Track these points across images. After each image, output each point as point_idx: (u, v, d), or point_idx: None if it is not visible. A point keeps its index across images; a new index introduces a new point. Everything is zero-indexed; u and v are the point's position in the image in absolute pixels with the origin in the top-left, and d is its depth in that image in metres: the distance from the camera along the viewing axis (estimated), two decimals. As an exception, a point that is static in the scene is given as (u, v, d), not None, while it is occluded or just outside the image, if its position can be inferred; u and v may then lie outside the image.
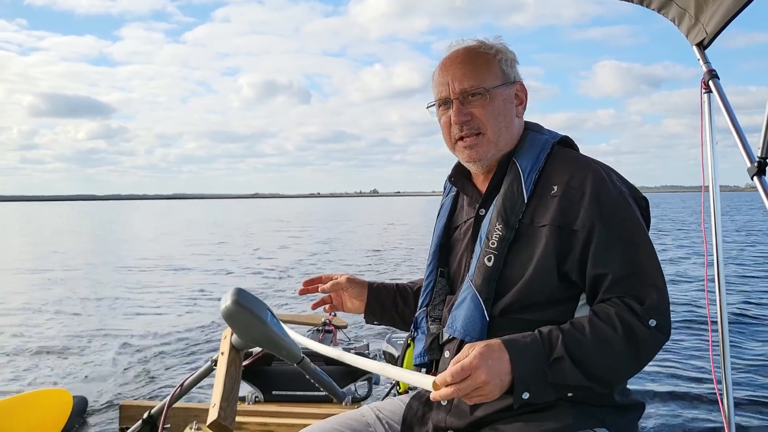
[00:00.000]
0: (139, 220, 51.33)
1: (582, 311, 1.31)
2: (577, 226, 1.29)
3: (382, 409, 1.53)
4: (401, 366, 1.56)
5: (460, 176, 1.56)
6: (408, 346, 1.60)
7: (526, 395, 1.18)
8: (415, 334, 1.54)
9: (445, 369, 1.40)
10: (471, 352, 1.17)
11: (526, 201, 1.35)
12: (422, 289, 1.56)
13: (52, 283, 11.63)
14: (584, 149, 1.50)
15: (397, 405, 1.53)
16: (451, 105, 1.43)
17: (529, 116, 1.53)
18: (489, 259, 1.34)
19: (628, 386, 1.39)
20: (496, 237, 1.35)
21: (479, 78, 1.41)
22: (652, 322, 1.22)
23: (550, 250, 1.29)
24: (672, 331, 1.27)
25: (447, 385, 1.14)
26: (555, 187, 1.34)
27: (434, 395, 1.17)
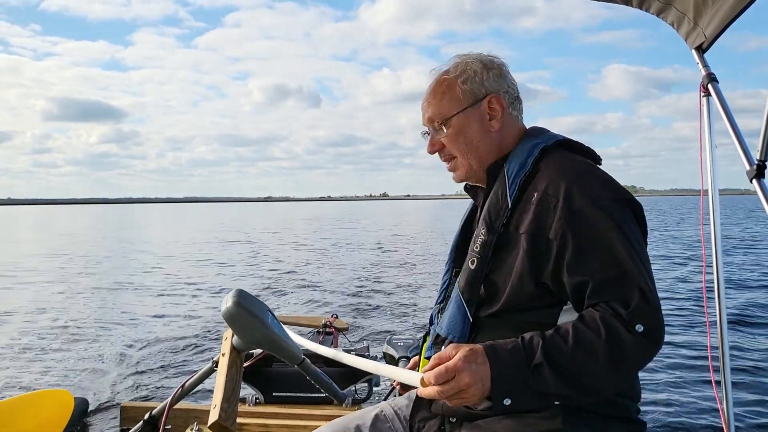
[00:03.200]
0: (147, 223, 51.39)
1: (568, 314, 1.29)
2: (552, 234, 1.27)
3: (398, 404, 1.58)
4: (420, 356, 1.60)
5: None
6: (425, 340, 1.62)
7: (507, 401, 1.17)
8: (429, 329, 1.58)
9: None
10: (456, 354, 1.17)
11: (510, 206, 1.35)
12: (440, 287, 1.59)
13: (54, 285, 11.64)
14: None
15: (412, 398, 1.56)
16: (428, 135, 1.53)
17: (537, 120, 1.53)
18: (472, 263, 1.37)
19: (628, 397, 1.34)
20: (479, 241, 1.37)
21: (441, 109, 1.47)
22: (639, 327, 1.17)
23: (526, 259, 1.28)
24: (670, 336, 1.23)
25: (432, 385, 1.16)
26: (535, 194, 1.32)
27: (420, 392, 1.19)
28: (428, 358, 1.51)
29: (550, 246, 1.26)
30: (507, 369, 1.17)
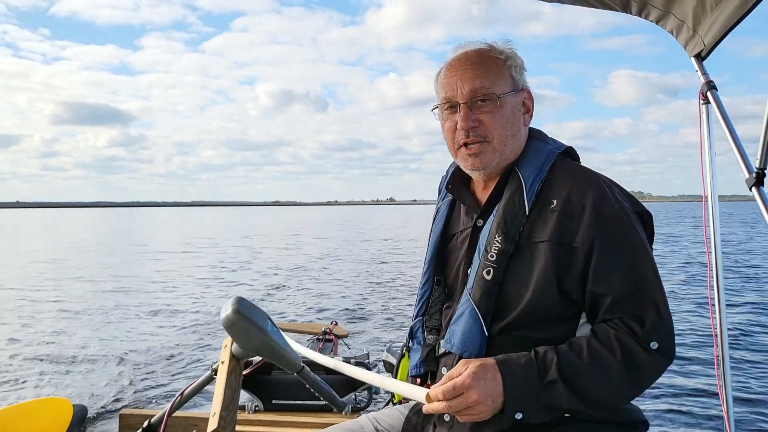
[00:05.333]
0: (152, 227, 51.34)
1: (584, 329, 1.27)
2: (577, 242, 1.23)
3: (380, 419, 1.50)
4: (396, 376, 1.53)
5: (458, 183, 1.50)
6: (403, 356, 1.56)
7: (519, 416, 1.16)
8: (411, 344, 1.50)
9: None
10: (465, 370, 1.15)
11: (527, 213, 1.30)
12: (418, 298, 1.52)
13: (53, 292, 11.61)
14: (601, 158, 1.47)
15: (395, 416, 1.50)
16: (458, 109, 1.35)
17: (545, 125, 1.50)
18: (488, 272, 1.28)
19: (633, 403, 1.34)
20: (495, 249, 1.29)
21: (489, 83, 1.34)
22: (654, 345, 1.18)
23: (549, 268, 1.23)
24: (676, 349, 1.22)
25: (439, 401, 1.14)
26: (554, 201, 1.28)
27: (426, 407, 1.18)
28: (415, 376, 1.45)
29: (575, 254, 1.24)
30: (520, 384, 1.16)
